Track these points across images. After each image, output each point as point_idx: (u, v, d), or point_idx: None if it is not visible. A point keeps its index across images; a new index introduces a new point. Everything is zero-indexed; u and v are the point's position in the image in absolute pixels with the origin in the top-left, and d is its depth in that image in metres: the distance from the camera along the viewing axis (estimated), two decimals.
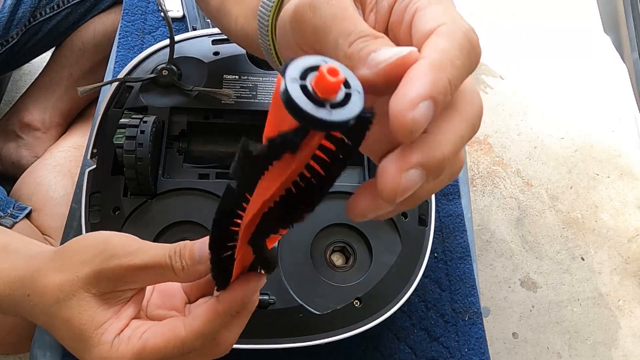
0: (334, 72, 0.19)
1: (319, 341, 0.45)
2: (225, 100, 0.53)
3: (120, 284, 0.30)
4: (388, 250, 0.49)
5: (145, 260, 0.30)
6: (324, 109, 0.19)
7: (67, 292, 0.30)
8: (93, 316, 0.30)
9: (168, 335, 0.30)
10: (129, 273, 0.30)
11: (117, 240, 0.31)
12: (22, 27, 0.76)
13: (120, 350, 0.29)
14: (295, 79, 0.19)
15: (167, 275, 0.30)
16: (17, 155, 0.84)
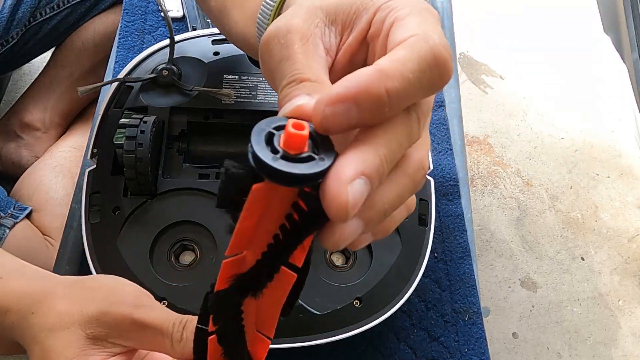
0: (299, 126, 0.19)
1: (319, 341, 0.45)
2: (225, 100, 0.53)
3: (115, 334, 0.30)
4: (388, 250, 0.49)
5: (149, 318, 0.29)
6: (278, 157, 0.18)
7: (64, 322, 0.30)
8: (75, 354, 0.29)
9: None
10: (128, 326, 0.29)
11: (131, 289, 0.31)
12: (22, 27, 0.76)
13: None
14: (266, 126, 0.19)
15: (162, 343, 0.29)
16: (17, 155, 0.84)
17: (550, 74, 1.44)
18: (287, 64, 0.22)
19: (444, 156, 0.62)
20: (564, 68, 1.45)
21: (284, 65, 0.22)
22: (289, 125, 0.18)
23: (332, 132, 0.20)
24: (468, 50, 1.44)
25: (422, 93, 0.20)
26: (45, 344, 0.30)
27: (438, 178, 0.60)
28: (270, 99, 0.54)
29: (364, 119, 0.19)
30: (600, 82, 1.44)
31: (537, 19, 1.52)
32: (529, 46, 1.48)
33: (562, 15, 1.53)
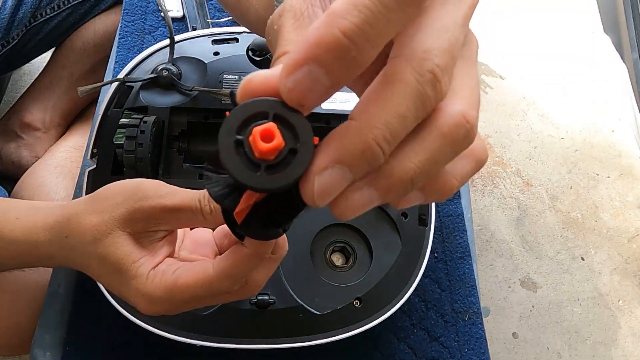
0: (268, 138, 0.18)
1: (319, 341, 0.45)
2: (225, 100, 0.53)
3: (152, 224, 0.32)
4: (388, 250, 0.49)
5: (176, 202, 0.31)
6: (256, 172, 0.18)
7: (104, 231, 0.32)
8: (130, 251, 0.32)
9: (198, 274, 0.31)
10: (161, 214, 0.32)
11: (149, 184, 0.33)
12: (23, 27, 0.76)
13: (154, 282, 0.31)
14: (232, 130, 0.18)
15: (196, 218, 0.32)
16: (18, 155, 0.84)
17: (551, 74, 1.44)
18: (277, 45, 0.21)
19: None
20: (564, 68, 1.45)
21: (275, 48, 0.21)
22: (258, 140, 0.18)
23: (310, 105, 0.17)
24: None
25: (397, 19, 0.16)
26: (99, 254, 0.32)
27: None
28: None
29: (338, 77, 0.16)
30: (600, 82, 1.44)
31: (537, 19, 1.52)
32: (529, 46, 1.48)
33: (562, 15, 1.53)
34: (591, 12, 1.49)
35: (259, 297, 0.45)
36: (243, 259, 0.30)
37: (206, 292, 0.31)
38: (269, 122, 0.18)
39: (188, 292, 0.31)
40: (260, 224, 0.24)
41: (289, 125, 0.18)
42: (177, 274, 0.31)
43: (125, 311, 0.45)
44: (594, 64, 1.45)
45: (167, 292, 0.31)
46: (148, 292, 0.31)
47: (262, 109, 0.18)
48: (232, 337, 0.45)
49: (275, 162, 0.18)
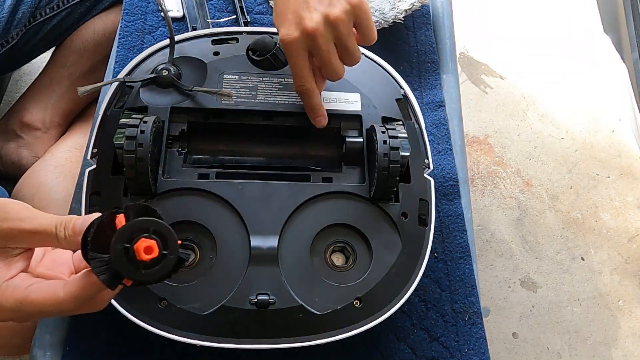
0: (149, 250, 0.29)
1: (319, 341, 0.45)
2: (225, 100, 0.53)
3: (10, 243, 0.35)
4: (388, 250, 0.49)
5: (34, 226, 0.35)
6: (136, 269, 0.30)
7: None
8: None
9: (48, 294, 0.35)
10: (18, 235, 0.35)
11: (12, 205, 0.36)
12: (22, 27, 0.76)
13: (5, 294, 0.34)
14: (122, 240, 0.29)
15: (51, 241, 0.35)
16: (17, 155, 0.84)
17: (550, 74, 1.44)
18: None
19: (444, 156, 0.62)
20: (564, 68, 1.45)
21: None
22: (141, 252, 0.29)
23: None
24: (468, 50, 1.44)
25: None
26: None
27: (438, 178, 0.60)
28: (270, 99, 0.54)
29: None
30: (600, 82, 1.44)
31: (537, 19, 1.52)
32: (529, 46, 1.48)
33: (562, 15, 1.53)
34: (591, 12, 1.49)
35: (259, 297, 0.45)
36: (92, 285, 0.34)
37: (54, 310, 0.35)
38: (150, 237, 0.29)
39: (36, 307, 0.35)
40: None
41: (162, 236, 0.30)
42: (29, 290, 0.35)
43: (125, 311, 0.45)
44: (594, 64, 1.45)
45: (16, 305, 0.34)
46: (1, 302, 0.34)
47: (145, 226, 0.30)
48: (232, 337, 0.45)
49: (150, 263, 0.30)
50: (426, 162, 0.54)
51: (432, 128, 0.63)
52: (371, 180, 0.50)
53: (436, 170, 0.60)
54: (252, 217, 0.48)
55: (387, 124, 0.53)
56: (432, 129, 0.63)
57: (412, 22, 0.70)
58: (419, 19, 0.71)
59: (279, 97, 0.54)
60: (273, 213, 0.48)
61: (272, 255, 0.47)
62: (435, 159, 0.61)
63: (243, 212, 0.48)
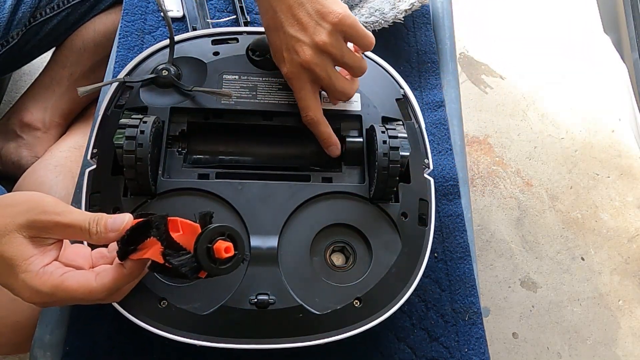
0: (228, 250, 0.35)
1: (319, 341, 0.45)
2: (225, 100, 0.53)
3: (46, 233, 0.38)
4: (388, 250, 0.49)
5: (69, 220, 0.38)
6: (213, 265, 0.35)
7: (2, 231, 0.37)
8: (23, 250, 0.37)
9: (81, 282, 0.38)
10: (55, 227, 0.38)
11: (49, 200, 0.39)
12: (23, 27, 0.76)
13: (42, 279, 0.37)
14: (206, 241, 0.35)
15: (83, 235, 0.38)
16: (17, 155, 0.84)
17: (550, 74, 1.44)
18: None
19: (444, 156, 0.62)
20: (564, 68, 1.45)
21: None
22: (222, 252, 0.35)
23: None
24: (468, 50, 1.44)
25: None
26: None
27: (438, 178, 0.60)
28: (270, 99, 0.54)
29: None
30: (600, 82, 1.44)
31: (537, 19, 1.52)
32: (529, 46, 1.48)
33: (562, 15, 1.53)
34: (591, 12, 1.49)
35: (259, 297, 0.45)
36: (123, 277, 0.38)
37: (85, 297, 0.38)
38: (226, 239, 0.36)
39: (69, 294, 0.37)
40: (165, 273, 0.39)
41: (234, 240, 0.36)
42: (64, 278, 0.38)
43: (125, 311, 0.45)
44: (594, 64, 1.45)
45: (52, 290, 0.37)
46: (35, 286, 0.37)
47: (222, 230, 0.36)
48: (232, 337, 0.45)
49: (224, 260, 0.36)
50: (426, 162, 0.54)
51: (432, 128, 0.63)
52: (371, 180, 0.50)
53: (436, 170, 0.60)
54: (251, 217, 0.48)
55: (387, 124, 0.53)
56: (432, 129, 0.63)
57: (412, 22, 0.70)
58: (419, 19, 0.71)
59: (278, 97, 0.54)
60: (273, 213, 0.48)
61: (272, 255, 0.47)
62: (435, 159, 0.61)
63: (243, 212, 0.48)
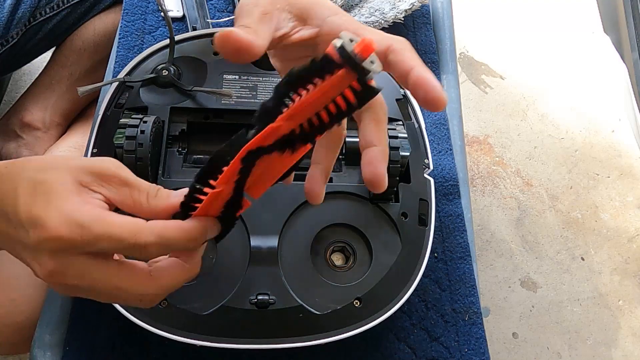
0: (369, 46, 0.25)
1: (319, 341, 0.45)
2: (225, 100, 0.53)
3: (98, 184, 0.31)
4: (388, 250, 0.49)
5: (132, 177, 0.33)
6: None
7: (51, 164, 0.31)
8: (67, 184, 0.30)
9: (129, 219, 0.30)
10: (113, 179, 0.32)
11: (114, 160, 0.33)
12: (22, 27, 0.76)
13: (84, 208, 0.29)
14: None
15: (139, 197, 0.32)
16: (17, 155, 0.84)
17: (551, 74, 1.44)
18: (241, 18, 0.33)
19: (444, 156, 0.62)
20: (564, 68, 1.45)
21: (239, 18, 0.33)
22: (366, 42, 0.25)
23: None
24: (468, 50, 1.44)
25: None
26: (34, 179, 0.30)
27: (438, 178, 0.60)
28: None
29: None
30: (600, 83, 1.44)
31: (537, 19, 1.52)
32: (529, 46, 1.48)
33: (562, 15, 1.53)
34: (591, 12, 1.49)
35: (259, 297, 0.45)
36: (177, 229, 0.31)
37: (128, 238, 0.29)
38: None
39: (107, 229, 0.29)
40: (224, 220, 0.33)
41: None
42: (108, 213, 0.30)
43: (125, 311, 0.45)
44: (594, 64, 1.46)
45: (91, 220, 0.29)
46: (71, 212, 0.29)
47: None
48: (232, 337, 0.45)
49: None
50: (426, 162, 0.54)
51: (432, 128, 0.63)
52: None
53: (436, 170, 0.60)
54: (252, 217, 0.48)
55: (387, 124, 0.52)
56: (432, 129, 0.63)
57: (412, 22, 0.70)
58: (419, 19, 0.71)
59: None
60: (273, 213, 0.48)
61: (272, 255, 0.47)
62: (435, 159, 0.61)
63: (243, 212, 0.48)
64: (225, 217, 0.33)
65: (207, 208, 0.32)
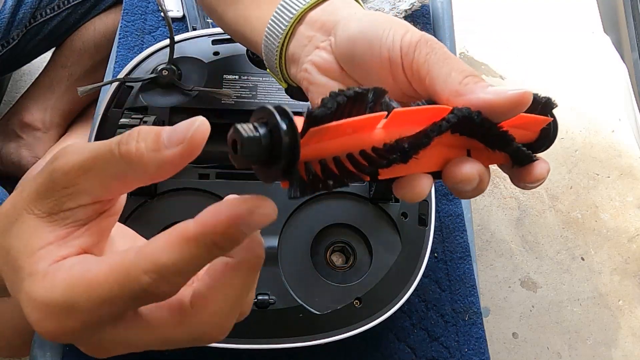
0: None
1: (319, 341, 0.45)
2: (225, 100, 0.53)
3: (63, 196, 0.22)
4: (388, 250, 0.49)
5: (85, 154, 0.22)
6: None
7: (11, 217, 0.23)
8: (32, 240, 0.22)
9: (113, 263, 0.20)
10: (66, 177, 0.22)
11: (70, 146, 0.23)
12: (23, 28, 0.76)
13: (53, 280, 0.21)
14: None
15: (117, 168, 0.21)
16: (17, 155, 0.84)
17: (550, 74, 1.44)
18: (457, 61, 0.29)
19: None
20: (564, 68, 1.45)
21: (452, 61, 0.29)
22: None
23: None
24: (468, 50, 1.44)
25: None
26: (3, 247, 0.23)
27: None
28: (271, 99, 0.54)
29: None
30: (600, 83, 1.44)
31: (537, 19, 1.52)
32: (529, 46, 1.48)
33: (562, 15, 1.53)
34: (591, 12, 1.49)
35: (259, 297, 0.45)
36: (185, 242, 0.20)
37: (119, 289, 0.20)
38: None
39: (96, 291, 0.20)
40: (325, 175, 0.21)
41: None
42: (88, 267, 0.21)
43: None
44: (594, 64, 1.46)
45: (66, 294, 0.20)
46: (40, 295, 0.21)
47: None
48: (232, 337, 0.45)
49: None
50: None
51: None
52: None
53: None
54: None
55: None
56: None
57: (412, 22, 0.70)
58: (419, 19, 0.71)
59: (278, 97, 0.54)
60: None
61: (272, 255, 0.47)
62: None
63: None
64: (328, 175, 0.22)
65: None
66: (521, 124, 0.28)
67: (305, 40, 0.34)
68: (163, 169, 0.21)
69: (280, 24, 0.34)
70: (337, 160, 0.22)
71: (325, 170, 0.21)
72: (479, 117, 0.25)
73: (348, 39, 0.32)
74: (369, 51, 0.31)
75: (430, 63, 0.28)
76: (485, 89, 0.26)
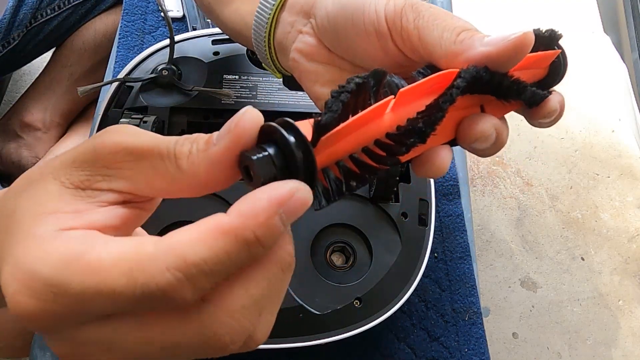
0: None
1: (319, 341, 0.45)
2: (225, 100, 0.53)
3: (99, 175, 0.20)
4: (388, 250, 0.49)
5: (141, 142, 0.20)
6: None
7: (32, 178, 0.20)
8: (40, 202, 0.19)
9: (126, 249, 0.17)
10: (112, 156, 0.20)
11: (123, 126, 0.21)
12: (24, 28, 0.76)
13: (48, 249, 0.17)
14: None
15: (165, 167, 0.20)
16: (18, 155, 0.84)
17: None
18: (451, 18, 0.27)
19: None
20: None
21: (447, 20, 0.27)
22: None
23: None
24: None
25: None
26: (8, 207, 0.20)
27: (438, 178, 0.60)
28: (270, 99, 0.54)
29: None
30: (600, 82, 1.44)
31: (537, 19, 1.52)
32: None
33: (562, 15, 1.54)
34: (591, 12, 1.49)
35: None
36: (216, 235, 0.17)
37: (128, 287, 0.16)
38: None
39: (94, 277, 0.16)
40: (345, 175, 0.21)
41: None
42: (92, 244, 0.17)
43: None
44: (594, 64, 1.46)
45: (57, 269, 0.17)
46: (27, 262, 0.17)
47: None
48: None
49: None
50: None
51: None
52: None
53: None
54: None
55: None
56: None
57: None
58: None
59: (278, 97, 0.54)
60: None
61: None
62: None
63: None
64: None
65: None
66: (529, 64, 0.27)
67: (289, 26, 0.33)
68: (211, 172, 0.19)
69: (265, 12, 0.34)
70: (354, 158, 0.21)
71: (345, 171, 0.20)
72: (488, 73, 0.24)
73: (328, 17, 0.30)
74: (352, 26, 0.29)
75: (420, 28, 0.26)
76: (482, 40, 0.24)
